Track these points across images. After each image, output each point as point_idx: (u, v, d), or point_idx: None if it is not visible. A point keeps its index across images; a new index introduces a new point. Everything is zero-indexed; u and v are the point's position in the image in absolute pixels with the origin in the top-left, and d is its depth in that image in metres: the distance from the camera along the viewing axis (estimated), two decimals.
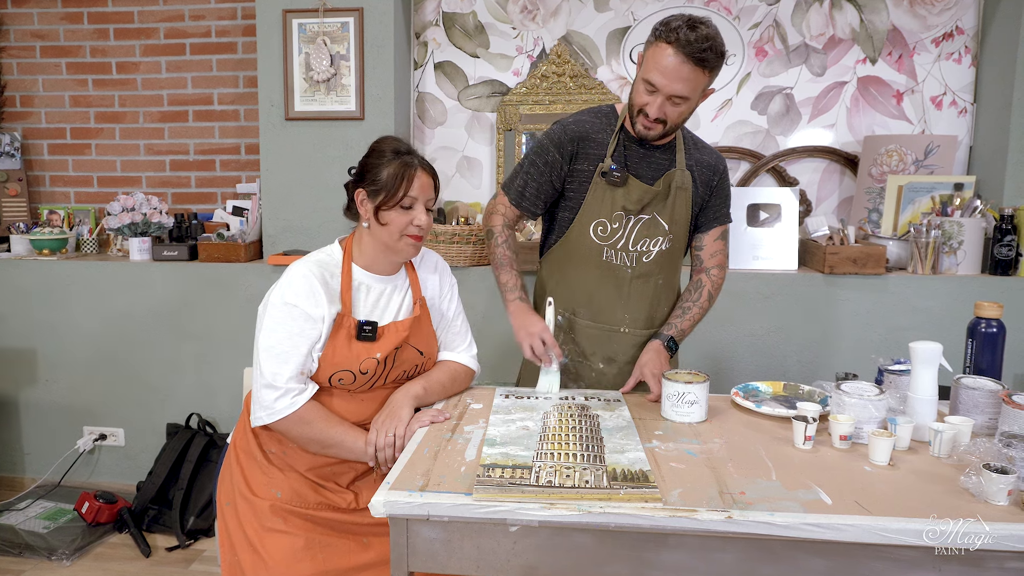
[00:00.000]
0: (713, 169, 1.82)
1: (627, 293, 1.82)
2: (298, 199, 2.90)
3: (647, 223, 1.78)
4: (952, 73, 2.85)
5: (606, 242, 1.79)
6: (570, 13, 2.98)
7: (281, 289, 1.51)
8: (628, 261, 1.80)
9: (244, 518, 1.54)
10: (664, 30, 1.58)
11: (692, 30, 1.55)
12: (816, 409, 1.44)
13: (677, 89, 1.59)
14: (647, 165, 1.77)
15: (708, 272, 1.88)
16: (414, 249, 1.57)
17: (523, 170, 1.81)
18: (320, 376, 1.53)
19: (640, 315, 1.84)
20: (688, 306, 1.85)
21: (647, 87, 1.63)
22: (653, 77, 1.60)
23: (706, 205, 1.84)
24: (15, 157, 3.28)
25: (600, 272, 1.81)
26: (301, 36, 2.84)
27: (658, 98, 1.62)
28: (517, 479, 1.19)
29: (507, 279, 1.79)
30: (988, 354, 1.58)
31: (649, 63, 1.61)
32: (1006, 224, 2.52)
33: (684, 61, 1.56)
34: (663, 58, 1.57)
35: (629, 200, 1.75)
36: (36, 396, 3.03)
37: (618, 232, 1.78)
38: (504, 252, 1.81)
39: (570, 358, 1.86)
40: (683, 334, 1.83)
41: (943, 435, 1.32)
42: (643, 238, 1.79)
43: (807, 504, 1.13)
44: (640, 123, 1.69)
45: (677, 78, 1.58)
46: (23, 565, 2.52)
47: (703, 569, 1.13)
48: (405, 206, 1.52)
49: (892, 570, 1.09)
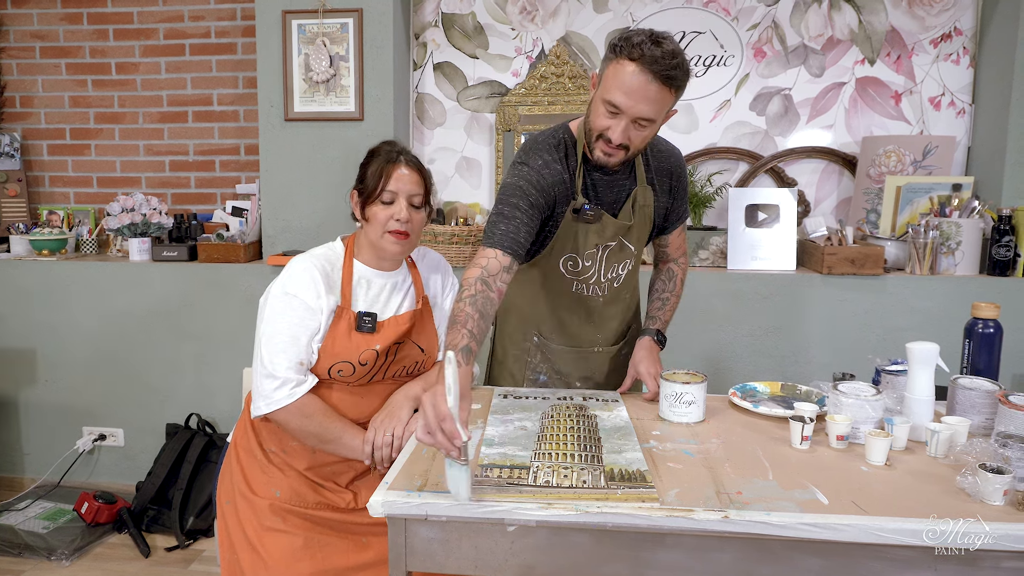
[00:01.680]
0: (672, 174, 1.73)
1: (598, 318, 1.78)
2: (297, 200, 2.91)
3: (615, 250, 1.69)
4: (950, 74, 2.85)
5: (576, 277, 1.71)
6: (569, 14, 2.99)
7: (282, 280, 1.53)
8: (600, 291, 1.74)
9: (244, 517, 1.54)
10: (626, 45, 1.42)
11: (657, 45, 1.41)
12: (813, 409, 1.45)
13: (642, 111, 1.45)
14: (610, 191, 1.65)
15: (676, 261, 1.88)
16: (397, 247, 1.55)
17: (505, 216, 1.54)
18: (320, 367, 1.53)
19: (611, 334, 1.82)
20: (666, 297, 1.86)
21: (608, 109, 1.47)
22: (615, 97, 1.45)
23: (669, 210, 1.77)
24: (15, 158, 3.29)
25: (570, 300, 1.74)
26: (300, 37, 2.84)
27: (622, 121, 1.47)
28: (515, 479, 1.20)
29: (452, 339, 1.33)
30: (985, 354, 1.58)
31: (610, 82, 1.46)
32: (1004, 225, 2.52)
33: (651, 80, 1.41)
34: (627, 76, 1.42)
35: (603, 236, 1.65)
36: (36, 396, 3.03)
37: (591, 268, 1.69)
38: (464, 309, 1.39)
39: (548, 377, 1.81)
40: (666, 324, 1.85)
41: (940, 435, 1.33)
42: (612, 265, 1.71)
43: (804, 504, 1.13)
44: (600, 149, 1.53)
45: (643, 98, 1.43)
46: (23, 565, 2.52)
47: (700, 569, 1.13)
48: (385, 200, 1.53)
49: (889, 570, 1.10)
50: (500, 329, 1.90)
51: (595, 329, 1.79)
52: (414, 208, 1.56)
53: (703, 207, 2.90)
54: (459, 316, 1.37)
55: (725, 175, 2.99)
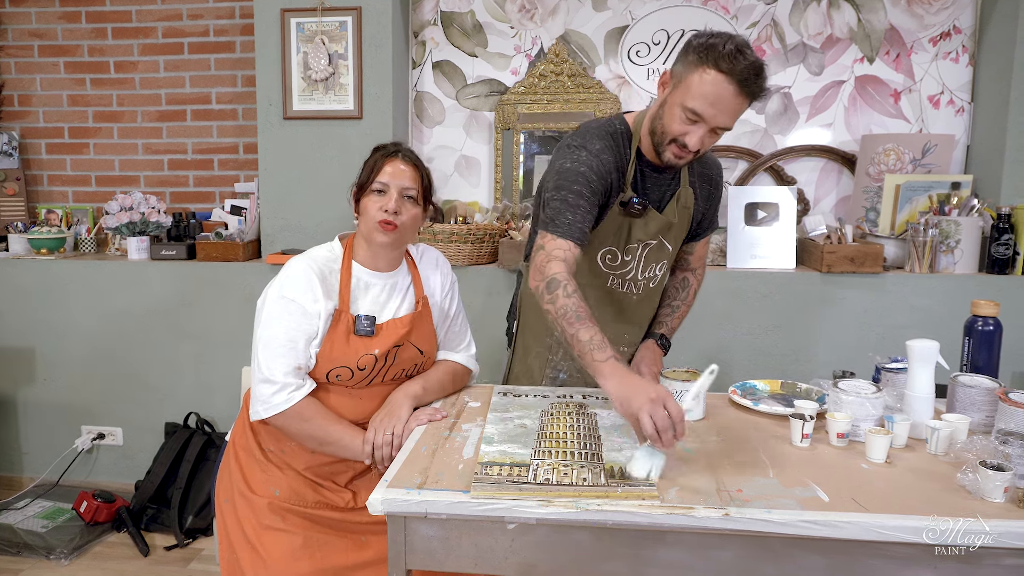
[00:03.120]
0: (713, 182, 1.76)
1: (630, 316, 1.77)
2: (296, 198, 2.90)
3: (654, 248, 1.70)
4: (949, 72, 2.85)
5: (614, 271, 1.71)
6: (568, 12, 2.98)
7: (279, 283, 1.52)
8: (635, 289, 1.74)
9: (243, 516, 1.54)
10: (713, 55, 1.40)
11: (744, 57, 1.39)
12: (813, 407, 1.44)
13: (724, 121, 1.46)
14: (656, 188, 1.67)
15: (694, 272, 1.89)
16: (384, 238, 1.52)
17: (569, 204, 1.54)
18: (318, 372, 1.53)
19: (639, 332, 1.82)
20: (677, 304, 1.86)
21: (688, 116, 1.46)
22: (698, 107, 1.44)
23: (703, 217, 1.79)
24: (13, 156, 3.28)
25: (601, 293, 1.73)
26: (299, 35, 2.83)
27: (701, 128, 1.47)
28: (515, 477, 1.20)
29: (589, 335, 1.38)
30: (985, 352, 1.58)
31: (693, 90, 1.43)
32: (1003, 223, 2.52)
33: (737, 93, 1.41)
34: (713, 87, 1.41)
35: (646, 232, 1.66)
36: (34, 395, 3.03)
37: (630, 263, 1.69)
38: (578, 304, 1.43)
39: (568, 374, 1.80)
40: (672, 331, 1.85)
41: (940, 433, 1.33)
42: (650, 264, 1.72)
43: (804, 502, 1.13)
44: (671, 152, 1.53)
45: (726, 109, 1.43)
46: (21, 564, 2.52)
47: (701, 567, 1.13)
48: (376, 190, 1.53)
49: (889, 567, 1.10)
50: (523, 323, 1.85)
51: (624, 328, 1.78)
52: (408, 202, 1.55)
53: None
54: (579, 312, 1.41)
55: (724, 173, 2.97)
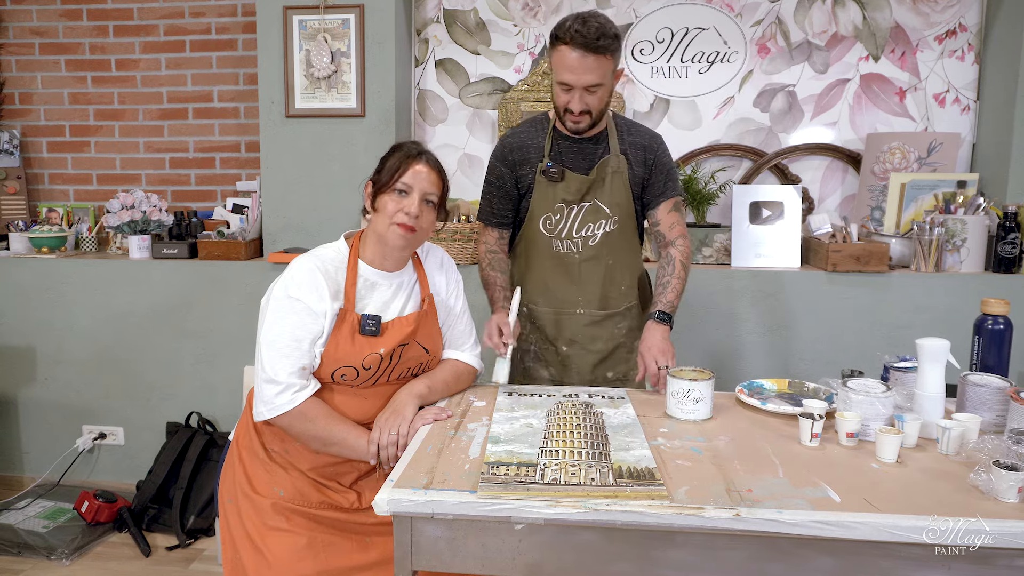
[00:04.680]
0: (647, 148, 1.92)
1: (578, 277, 1.94)
2: (298, 197, 2.89)
3: (589, 209, 1.91)
4: (955, 70, 2.84)
5: (553, 233, 1.93)
6: (572, 10, 2.96)
7: (284, 282, 1.50)
8: (574, 247, 1.93)
9: (246, 516, 1.53)
10: (559, 32, 1.72)
11: (584, 24, 1.69)
12: (822, 406, 1.43)
13: (588, 80, 1.73)
14: (583, 158, 1.90)
15: (674, 244, 1.94)
16: (402, 240, 1.51)
17: (484, 193, 1.99)
18: (322, 372, 1.51)
19: (593, 296, 1.95)
20: (666, 280, 1.89)
21: (562, 87, 1.77)
22: (563, 76, 1.74)
23: (648, 183, 1.94)
24: (14, 155, 3.27)
25: (552, 262, 1.95)
26: (302, 33, 2.82)
27: (575, 93, 1.75)
28: (522, 477, 1.18)
29: (492, 294, 1.93)
30: (995, 351, 1.57)
31: (556, 66, 1.76)
32: (1009, 222, 2.51)
33: (585, 54, 1.70)
34: (565, 57, 1.72)
35: (568, 192, 1.89)
36: (35, 395, 3.02)
37: (561, 222, 1.92)
38: (488, 273, 1.95)
39: (538, 347, 1.99)
40: (671, 305, 1.86)
41: (951, 432, 1.32)
42: (587, 224, 1.92)
43: (815, 502, 1.12)
44: (569, 120, 1.81)
45: (584, 70, 1.71)
46: (22, 564, 2.50)
47: (710, 567, 1.12)
48: (399, 189, 1.52)
49: (901, 568, 1.08)
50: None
51: (576, 289, 1.95)
52: (428, 207, 1.54)
53: (706, 204, 2.88)
54: (488, 280, 1.95)
55: (728, 172, 2.97)
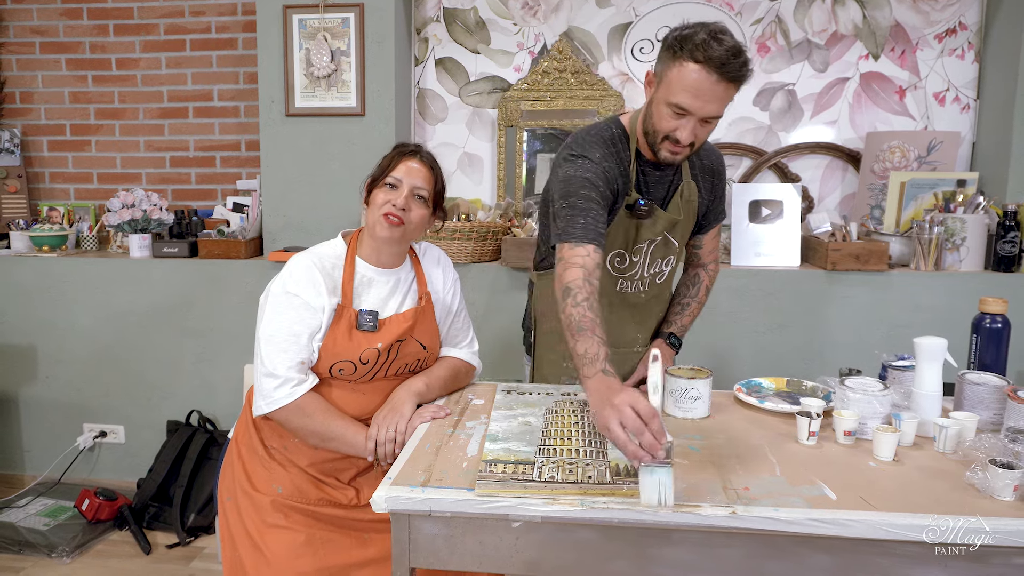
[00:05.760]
0: (715, 173, 1.76)
1: (640, 316, 1.78)
2: (298, 195, 2.89)
3: (659, 245, 1.70)
4: (955, 69, 2.84)
5: (622, 274, 1.71)
6: (571, 9, 2.97)
7: (282, 278, 1.51)
8: (643, 287, 1.74)
9: (245, 513, 1.53)
10: (688, 47, 1.40)
11: (719, 43, 1.38)
12: (820, 405, 1.44)
13: (710, 110, 1.44)
14: (657, 184, 1.67)
15: (705, 268, 1.87)
16: (387, 231, 1.51)
17: (579, 210, 1.52)
18: (320, 366, 1.52)
19: (650, 333, 1.82)
20: (687, 302, 1.84)
21: (674, 111, 1.45)
22: (683, 100, 1.43)
23: (708, 209, 1.79)
24: (15, 153, 3.27)
25: (612, 299, 1.73)
26: (301, 32, 2.82)
27: (690, 122, 1.46)
28: (519, 474, 1.18)
29: (584, 348, 1.34)
30: (993, 350, 1.57)
31: (674, 85, 1.43)
32: (1009, 221, 2.51)
33: (718, 80, 1.40)
34: (693, 78, 1.40)
35: (654, 231, 1.66)
36: (36, 393, 3.02)
37: (637, 263, 1.70)
38: (583, 314, 1.38)
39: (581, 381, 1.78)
40: (683, 330, 1.82)
41: (948, 431, 1.32)
42: (656, 260, 1.72)
43: (812, 500, 1.12)
44: (667, 149, 1.52)
45: (712, 98, 1.42)
46: (23, 562, 2.51)
47: (707, 565, 1.12)
48: (389, 183, 1.53)
49: (898, 566, 1.09)
50: (538, 331, 1.86)
51: (636, 328, 1.79)
52: (418, 201, 1.55)
53: None
54: (583, 322, 1.36)
55: (728, 171, 2.95)
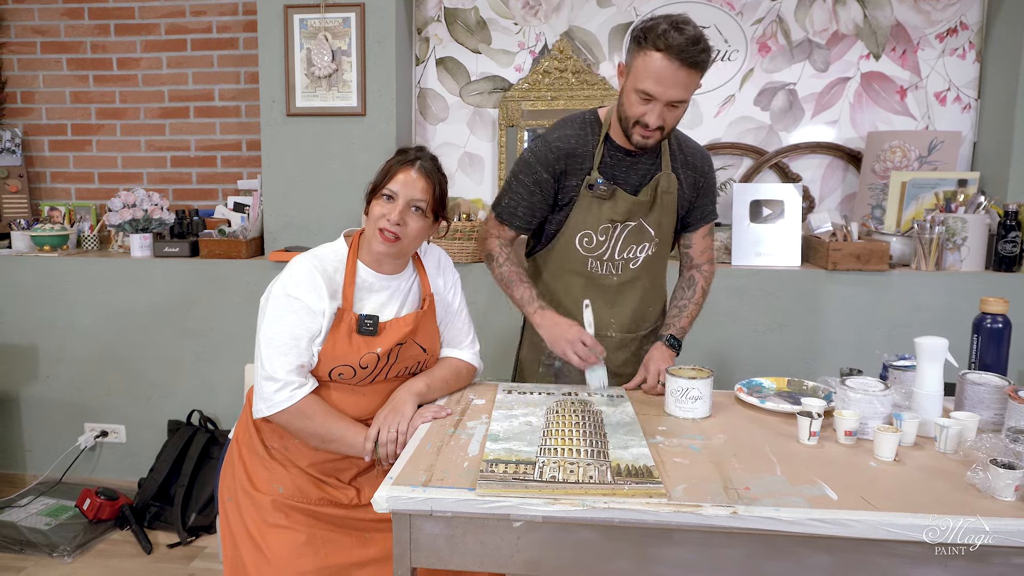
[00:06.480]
0: (698, 169, 1.80)
1: (613, 299, 1.82)
2: (299, 195, 2.89)
3: (633, 230, 1.76)
4: (956, 69, 2.84)
5: (591, 253, 1.77)
6: (572, 9, 2.97)
7: (283, 281, 1.51)
8: (614, 269, 1.79)
9: (246, 513, 1.53)
10: (651, 36, 1.52)
11: (679, 32, 1.50)
12: (821, 405, 1.44)
13: (674, 95, 1.55)
14: (633, 172, 1.74)
15: (699, 268, 1.88)
16: (382, 247, 1.51)
17: (511, 190, 1.77)
18: (320, 370, 1.52)
19: (625, 319, 1.84)
20: (684, 304, 1.85)
21: (641, 97, 1.57)
22: (647, 86, 1.55)
23: (693, 205, 1.83)
24: (16, 153, 3.27)
25: (585, 280, 1.80)
26: (302, 32, 2.83)
27: (656, 106, 1.57)
28: (520, 474, 1.19)
29: (521, 293, 1.74)
30: (994, 350, 1.57)
31: (639, 72, 1.56)
32: (1010, 220, 2.51)
33: (680, 67, 1.51)
34: (655, 65, 1.52)
35: (616, 212, 1.73)
36: (37, 393, 3.02)
37: (604, 244, 1.76)
38: (510, 269, 1.76)
39: (562, 363, 1.82)
40: (683, 331, 1.83)
41: (949, 431, 1.32)
42: (629, 245, 1.78)
43: (812, 500, 1.12)
44: (638, 134, 1.63)
45: (674, 84, 1.53)
46: (24, 562, 2.51)
47: (708, 565, 1.12)
48: (386, 195, 1.51)
49: (898, 566, 1.09)
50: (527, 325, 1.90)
51: (609, 311, 1.82)
52: (415, 213, 1.52)
53: None
54: (510, 276, 1.76)
55: (729, 171, 2.97)
